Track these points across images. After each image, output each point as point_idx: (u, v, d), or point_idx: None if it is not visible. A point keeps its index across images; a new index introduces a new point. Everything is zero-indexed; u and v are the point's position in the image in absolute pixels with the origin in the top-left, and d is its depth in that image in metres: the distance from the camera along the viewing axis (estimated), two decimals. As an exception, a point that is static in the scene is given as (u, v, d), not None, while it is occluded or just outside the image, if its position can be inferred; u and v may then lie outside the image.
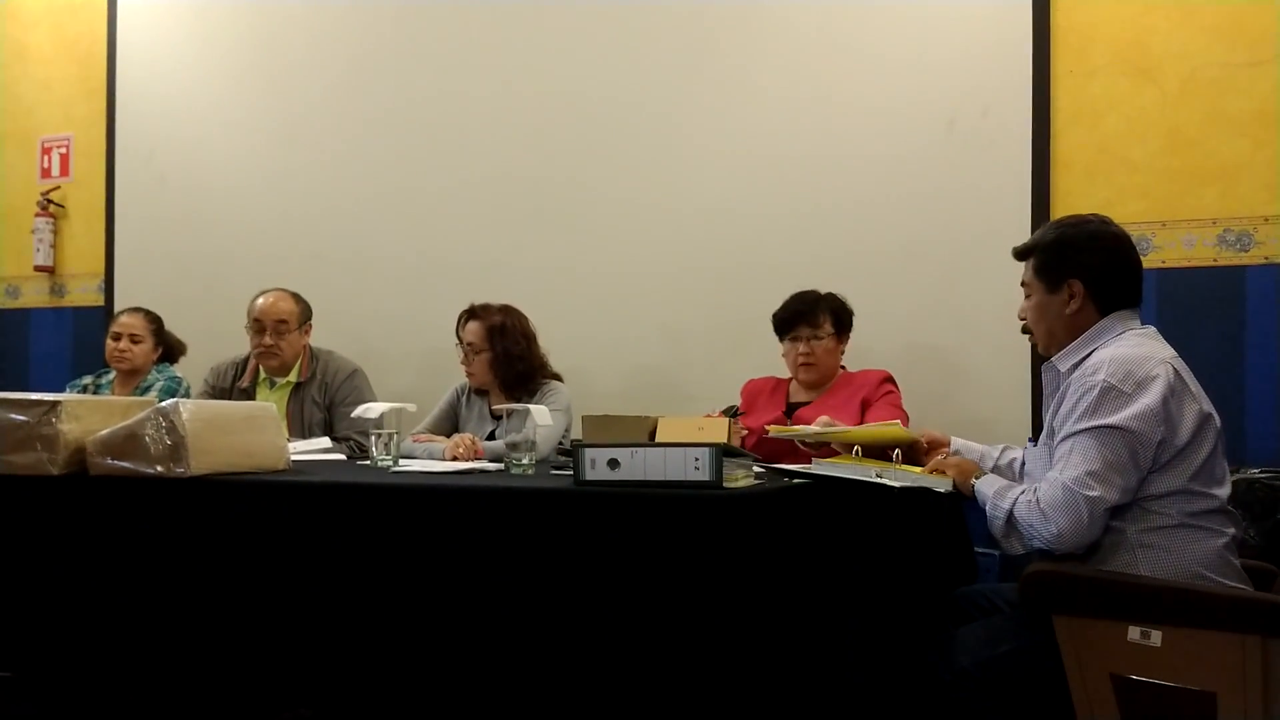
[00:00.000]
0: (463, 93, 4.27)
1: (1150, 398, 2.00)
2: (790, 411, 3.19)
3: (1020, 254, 2.31)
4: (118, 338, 3.99)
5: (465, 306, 3.53)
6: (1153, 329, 2.19)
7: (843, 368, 3.30)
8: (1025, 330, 2.33)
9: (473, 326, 3.44)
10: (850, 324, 3.28)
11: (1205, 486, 2.04)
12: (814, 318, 3.19)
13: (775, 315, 3.27)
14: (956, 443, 2.51)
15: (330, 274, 4.31)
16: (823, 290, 3.27)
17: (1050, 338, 2.25)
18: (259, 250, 4.54)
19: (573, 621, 2.09)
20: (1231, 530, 2.05)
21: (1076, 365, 2.15)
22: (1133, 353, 2.07)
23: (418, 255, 4.32)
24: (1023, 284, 2.30)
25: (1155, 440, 2.00)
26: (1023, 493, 2.10)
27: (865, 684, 1.93)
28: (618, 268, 4.04)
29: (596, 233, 4.08)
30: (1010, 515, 2.09)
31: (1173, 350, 2.12)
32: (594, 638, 2.08)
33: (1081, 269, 2.19)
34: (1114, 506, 2.02)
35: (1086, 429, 2.02)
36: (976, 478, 2.24)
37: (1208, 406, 2.07)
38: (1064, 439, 2.07)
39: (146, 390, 3.92)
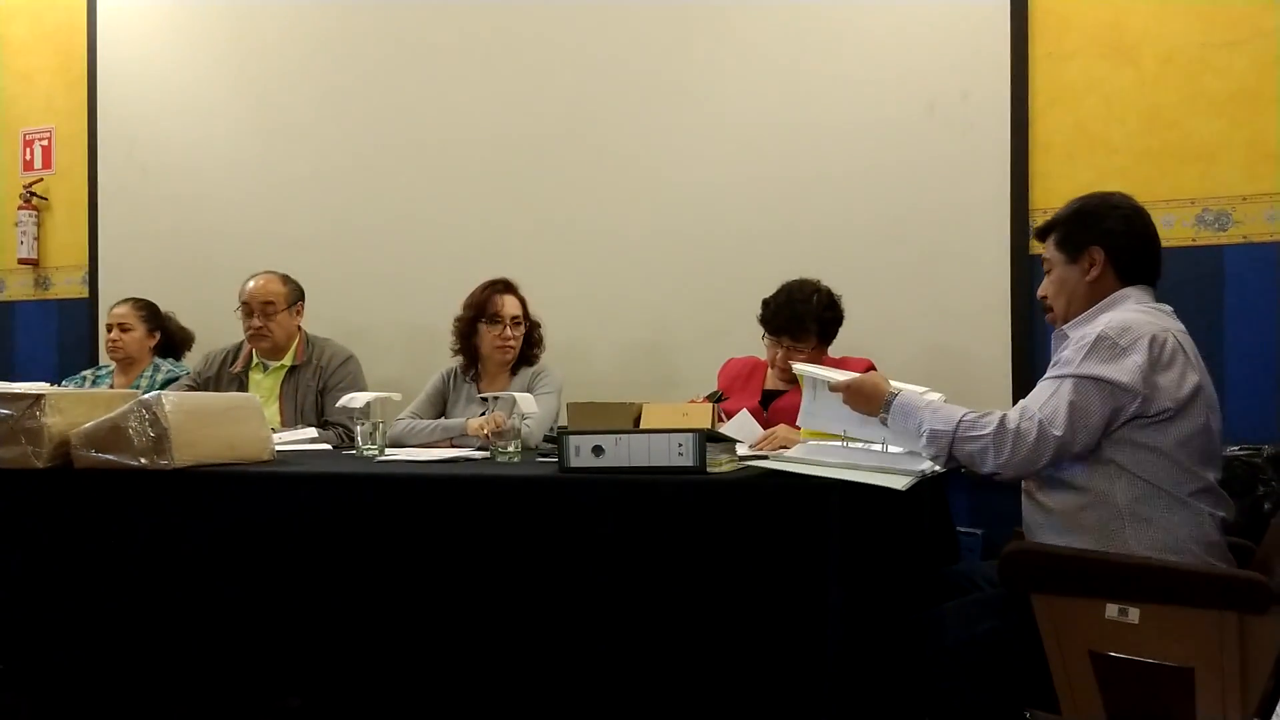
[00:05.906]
0: (447, 78, 4.27)
1: (1139, 355, 1.99)
2: (766, 401, 3.20)
3: (1041, 232, 2.29)
4: (110, 329, 4.05)
5: (454, 289, 3.59)
6: (1168, 307, 2.17)
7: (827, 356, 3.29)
8: (1047, 309, 2.28)
9: (513, 300, 3.49)
10: (836, 331, 3.23)
11: (1197, 464, 2.03)
12: (800, 333, 3.14)
13: (764, 311, 3.20)
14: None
15: (314, 263, 4.27)
16: (813, 276, 3.23)
17: (1069, 309, 2.22)
18: (243, 240, 4.52)
19: (558, 607, 2.11)
20: (1222, 513, 2.05)
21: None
22: (1137, 317, 2.06)
23: (402, 244, 4.32)
24: (1044, 263, 2.28)
25: (1137, 396, 1.99)
26: (968, 413, 2.09)
27: (847, 664, 1.95)
28: (602, 252, 4.04)
29: (582, 218, 4.08)
30: (955, 434, 2.07)
31: (1182, 326, 2.11)
32: (580, 623, 2.10)
33: (1101, 235, 2.18)
34: (1092, 465, 2.03)
35: (1070, 375, 2.02)
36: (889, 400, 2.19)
37: (1207, 382, 2.07)
38: (1049, 379, 2.07)
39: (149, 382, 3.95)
